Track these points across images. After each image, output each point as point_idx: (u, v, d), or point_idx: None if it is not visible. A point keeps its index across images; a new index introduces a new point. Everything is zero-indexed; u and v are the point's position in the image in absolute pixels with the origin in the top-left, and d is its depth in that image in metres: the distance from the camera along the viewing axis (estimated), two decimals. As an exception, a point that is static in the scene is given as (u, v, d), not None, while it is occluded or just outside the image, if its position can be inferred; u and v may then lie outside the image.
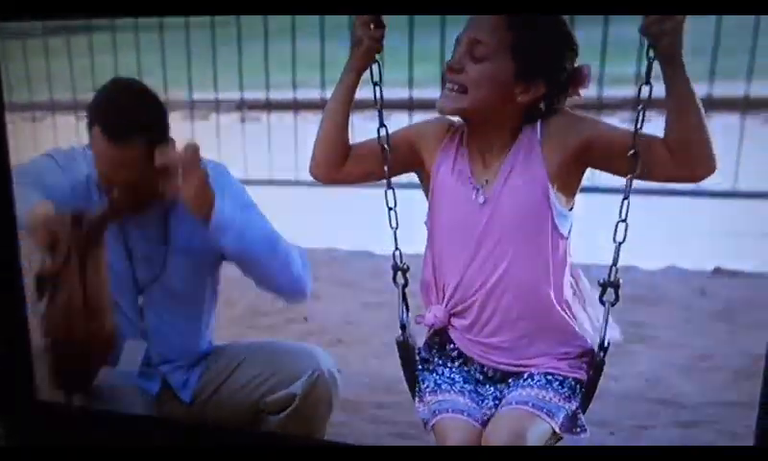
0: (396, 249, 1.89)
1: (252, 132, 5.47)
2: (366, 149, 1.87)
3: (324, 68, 5.07)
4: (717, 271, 3.89)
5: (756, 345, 2.94)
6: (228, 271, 2.25)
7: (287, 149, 5.18)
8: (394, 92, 5.13)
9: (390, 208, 1.86)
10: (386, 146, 1.83)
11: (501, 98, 1.72)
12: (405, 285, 1.90)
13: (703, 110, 1.63)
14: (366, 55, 1.79)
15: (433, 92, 1.85)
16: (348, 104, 1.84)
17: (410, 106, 5.11)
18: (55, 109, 5.93)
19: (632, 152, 1.64)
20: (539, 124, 1.77)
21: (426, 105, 4.59)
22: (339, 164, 1.87)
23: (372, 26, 1.76)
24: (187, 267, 2.31)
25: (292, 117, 5.06)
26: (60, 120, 5.64)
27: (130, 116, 2.11)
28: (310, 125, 5.25)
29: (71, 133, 4.50)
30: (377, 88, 1.84)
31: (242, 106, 5.62)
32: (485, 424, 1.73)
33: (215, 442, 2.13)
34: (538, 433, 1.69)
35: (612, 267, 1.70)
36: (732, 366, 3.04)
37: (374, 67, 1.81)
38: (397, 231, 1.88)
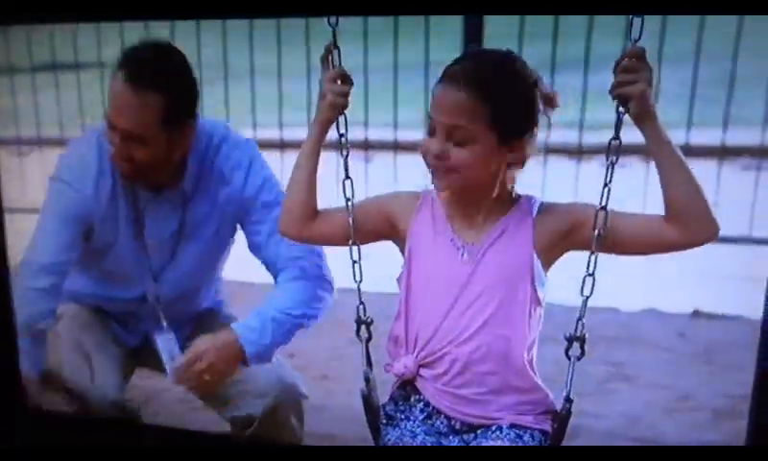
0: (361, 303, 1.88)
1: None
2: (337, 213, 1.88)
3: (310, 109, 5.09)
4: (696, 313, 3.91)
5: (736, 386, 2.97)
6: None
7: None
8: (379, 133, 5.14)
9: (354, 262, 1.87)
10: (349, 208, 1.85)
11: (491, 169, 1.74)
12: (369, 339, 1.90)
13: (692, 173, 1.66)
14: (331, 110, 1.80)
15: (417, 134, 1.87)
16: (315, 157, 1.86)
17: (395, 147, 5.10)
18: (42, 145, 5.95)
19: (596, 232, 1.69)
20: (537, 202, 1.81)
21: (410, 147, 4.64)
22: (307, 223, 1.89)
23: (338, 82, 1.79)
24: (199, 253, 2.36)
25: (278, 155, 5.06)
26: (49, 153, 5.62)
27: (154, 68, 2.11)
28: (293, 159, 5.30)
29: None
30: (343, 139, 1.84)
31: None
32: None
33: (209, 443, 2.12)
34: None
35: (578, 321, 1.72)
36: (713, 407, 3.04)
37: (341, 119, 1.82)
38: (361, 285, 1.88)
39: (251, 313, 2.28)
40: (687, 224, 1.68)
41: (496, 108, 1.68)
